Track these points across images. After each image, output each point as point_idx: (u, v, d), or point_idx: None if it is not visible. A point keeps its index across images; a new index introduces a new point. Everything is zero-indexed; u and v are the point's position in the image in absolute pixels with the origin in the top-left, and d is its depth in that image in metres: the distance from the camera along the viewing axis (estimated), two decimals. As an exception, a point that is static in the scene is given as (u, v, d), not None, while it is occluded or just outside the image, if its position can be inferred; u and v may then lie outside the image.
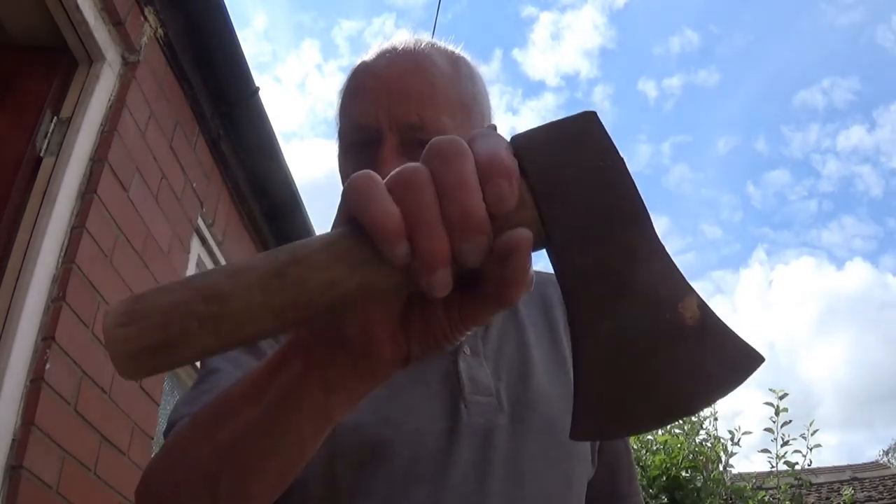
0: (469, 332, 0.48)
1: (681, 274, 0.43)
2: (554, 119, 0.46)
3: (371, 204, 0.40)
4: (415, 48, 0.89)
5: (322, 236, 0.42)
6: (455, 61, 0.91)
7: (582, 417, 0.43)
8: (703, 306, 0.42)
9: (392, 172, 0.42)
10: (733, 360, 0.43)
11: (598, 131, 0.44)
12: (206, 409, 0.61)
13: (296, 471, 0.56)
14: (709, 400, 0.42)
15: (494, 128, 0.96)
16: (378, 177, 0.41)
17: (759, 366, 0.43)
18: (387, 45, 0.91)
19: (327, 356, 0.48)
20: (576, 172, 0.43)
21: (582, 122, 0.45)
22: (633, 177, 0.44)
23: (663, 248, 0.43)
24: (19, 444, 1.76)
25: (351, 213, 0.41)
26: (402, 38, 0.92)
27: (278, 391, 0.51)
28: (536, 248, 0.43)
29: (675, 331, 0.42)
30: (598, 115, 0.45)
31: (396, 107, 0.84)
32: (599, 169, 0.43)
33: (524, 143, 0.44)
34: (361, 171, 0.42)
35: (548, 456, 0.83)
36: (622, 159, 0.44)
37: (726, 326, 0.43)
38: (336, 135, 0.93)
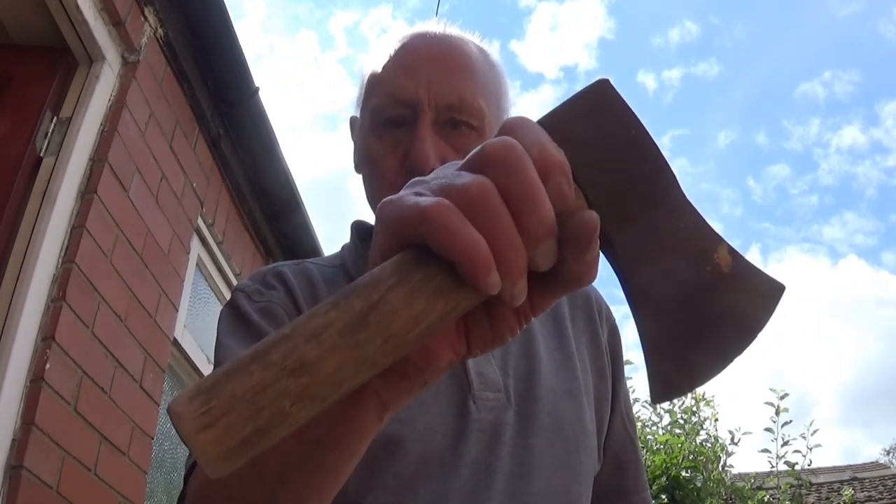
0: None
1: (709, 225, 0.45)
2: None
3: (457, 237, 0.37)
4: (448, 34, 0.90)
5: (385, 270, 0.39)
6: (483, 50, 0.92)
7: (658, 379, 0.45)
8: (732, 252, 0.45)
9: (453, 184, 0.39)
10: (764, 295, 0.46)
11: (617, 100, 0.45)
12: None
13: (349, 473, 0.53)
14: (754, 334, 0.46)
15: None
16: (450, 203, 0.38)
17: (783, 293, 0.47)
18: (417, 29, 0.91)
19: (382, 383, 0.45)
20: (608, 148, 0.44)
21: (599, 93, 0.45)
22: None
23: (690, 203, 0.45)
24: (19, 444, 1.76)
25: (430, 243, 0.38)
26: (430, 25, 0.92)
27: (328, 419, 0.47)
28: None
29: (716, 280, 0.45)
30: (611, 82, 0.45)
31: (436, 84, 0.84)
32: (627, 140, 0.44)
33: (555, 127, 0.43)
34: (430, 199, 0.39)
35: (555, 452, 0.82)
36: (642, 124, 0.45)
37: (751, 264, 0.46)
38: (360, 114, 0.92)
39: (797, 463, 5.14)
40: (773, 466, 5.20)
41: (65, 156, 2.07)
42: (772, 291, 0.46)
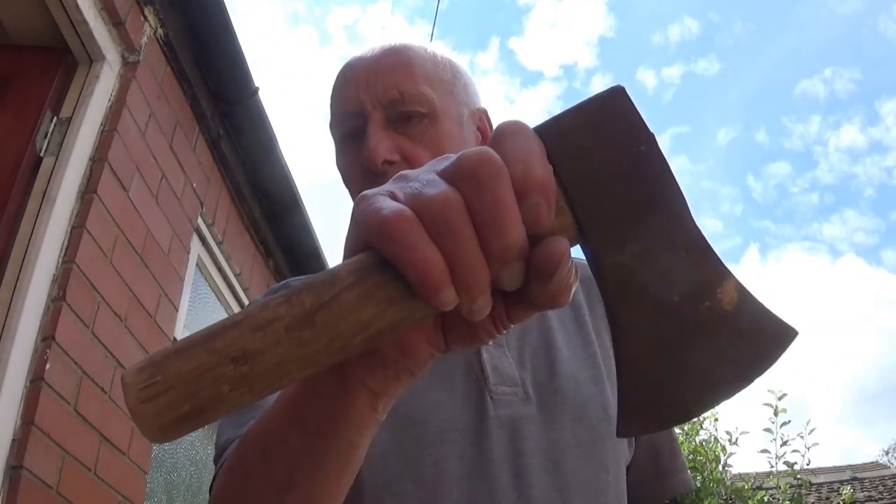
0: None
1: (718, 258, 0.42)
2: (562, 108, 0.43)
3: (411, 252, 0.36)
4: (388, 42, 0.92)
5: (344, 268, 0.39)
6: (433, 51, 0.93)
7: (628, 414, 0.42)
8: (740, 289, 0.42)
9: (421, 194, 0.38)
10: (769, 339, 0.42)
11: (631, 112, 0.41)
12: (250, 440, 0.59)
13: (356, 467, 0.54)
14: (748, 380, 0.42)
15: (486, 112, 0.96)
16: (412, 214, 0.37)
17: (793, 340, 0.43)
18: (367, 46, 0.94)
19: (365, 372, 0.46)
20: (611, 164, 0.41)
21: (613, 102, 0.42)
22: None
23: (700, 232, 0.42)
24: (19, 444, 1.76)
25: (384, 253, 0.38)
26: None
27: (321, 412, 0.50)
28: (572, 245, 0.41)
29: (713, 318, 0.41)
30: (626, 90, 0.42)
31: (374, 85, 0.85)
32: (634, 156, 0.41)
33: (555, 137, 0.41)
34: (392, 206, 0.38)
35: (580, 443, 0.81)
36: (655, 140, 0.41)
37: (761, 305, 0.43)
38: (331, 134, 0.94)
39: (796, 463, 5.14)
40: (772, 466, 5.20)
41: (65, 156, 2.07)
42: (779, 337, 0.43)
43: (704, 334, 0.41)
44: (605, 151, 0.41)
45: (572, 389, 0.84)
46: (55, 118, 2.13)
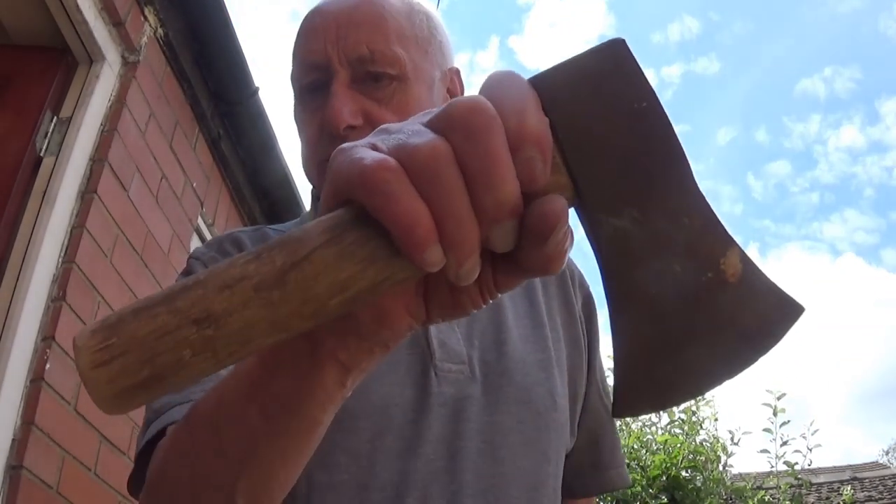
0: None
1: (722, 226, 0.39)
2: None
3: (395, 204, 0.33)
4: None
5: (319, 224, 0.35)
6: (409, 1, 0.86)
7: (626, 390, 0.40)
8: (745, 260, 0.39)
9: (406, 144, 0.35)
10: (774, 313, 0.40)
11: (631, 65, 0.38)
12: (199, 414, 0.54)
13: (316, 445, 0.51)
14: (753, 357, 0.40)
15: (457, 72, 0.91)
16: (396, 163, 0.34)
17: (799, 315, 0.40)
18: None
19: (338, 343, 0.42)
20: (610, 120, 0.37)
21: (612, 54, 0.38)
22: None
23: (704, 198, 0.39)
24: (19, 444, 1.76)
25: (365, 206, 0.35)
26: None
27: (286, 386, 0.45)
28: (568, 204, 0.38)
29: (716, 289, 0.39)
30: (627, 43, 0.38)
31: (344, 40, 0.79)
32: (635, 113, 0.37)
33: (550, 89, 0.37)
34: (374, 156, 0.35)
35: (523, 429, 0.78)
36: (657, 98, 0.38)
37: (766, 278, 0.40)
38: (290, 82, 0.87)
39: (797, 463, 5.15)
40: (772, 466, 5.20)
41: (65, 156, 2.07)
42: (785, 312, 0.40)
43: (707, 306, 0.39)
44: (603, 106, 0.38)
45: (519, 372, 0.80)
46: (55, 118, 2.13)
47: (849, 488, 7.73)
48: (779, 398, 5.09)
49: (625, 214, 0.38)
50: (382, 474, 0.71)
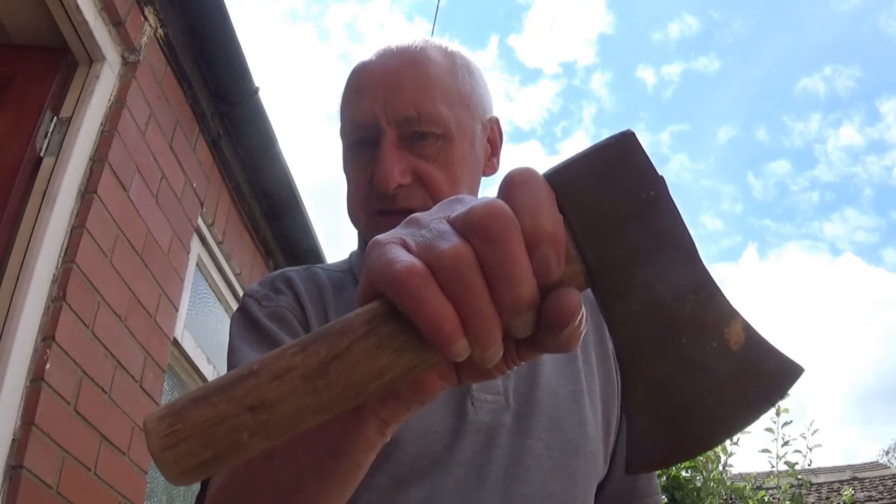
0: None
1: (726, 299, 0.42)
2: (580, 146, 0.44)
3: (424, 307, 0.37)
4: (408, 45, 0.90)
5: (357, 318, 0.40)
6: (450, 54, 0.92)
7: (637, 452, 0.43)
8: (747, 329, 0.42)
9: (434, 247, 0.39)
10: (775, 376, 0.43)
11: (640, 157, 0.42)
12: None
13: (357, 483, 0.57)
14: (755, 416, 0.43)
15: (497, 121, 0.96)
16: (424, 269, 0.38)
17: (798, 377, 0.43)
18: (382, 46, 0.92)
19: (379, 404, 0.48)
20: (620, 211, 0.41)
21: (622, 147, 0.42)
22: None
23: (708, 273, 0.42)
24: (19, 444, 1.76)
25: (397, 305, 0.39)
26: (396, 38, 0.93)
27: (331, 435, 0.51)
28: (581, 290, 0.42)
29: (720, 357, 0.42)
30: (636, 135, 0.42)
31: (392, 101, 0.84)
32: (644, 203, 0.41)
33: (564, 184, 0.41)
34: (405, 261, 0.39)
35: (553, 455, 0.82)
36: (665, 185, 0.42)
37: (767, 343, 0.43)
38: (339, 136, 0.94)
39: (797, 463, 5.14)
40: (773, 466, 5.20)
41: (65, 156, 2.07)
42: (785, 374, 0.43)
43: (711, 374, 0.42)
44: (614, 198, 0.41)
45: (550, 403, 0.85)
46: (55, 118, 2.13)
47: (849, 488, 7.73)
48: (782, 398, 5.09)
49: (634, 297, 0.41)
50: (416, 493, 0.77)
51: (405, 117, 0.84)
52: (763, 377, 0.42)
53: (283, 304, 0.86)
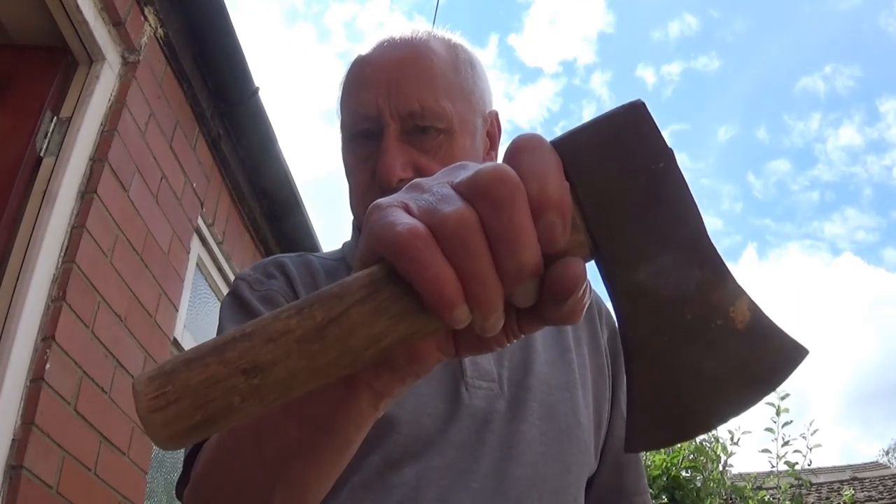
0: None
1: (732, 276, 0.42)
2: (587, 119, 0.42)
3: (425, 270, 0.36)
4: (412, 37, 0.90)
5: (356, 281, 0.39)
6: (453, 47, 0.92)
7: (638, 429, 0.42)
8: (753, 308, 0.42)
9: (436, 210, 0.38)
10: (779, 357, 0.42)
11: (649, 127, 0.41)
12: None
13: (348, 459, 0.55)
14: (758, 397, 0.42)
15: (496, 115, 0.96)
16: (426, 231, 0.37)
17: (803, 359, 0.43)
18: (384, 36, 0.92)
19: (373, 374, 0.46)
20: (627, 181, 0.40)
21: (632, 117, 0.41)
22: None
23: (715, 249, 0.41)
24: (19, 444, 1.76)
25: (397, 268, 0.38)
26: (399, 29, 0.93)
27: (323, 407, 0.49)
28: (585, 261, 0.41)
29: (725, 335, 0.41)
30: (646, 105, 0.41)
31: (396, 95, 0.84)
32: (652, 173, 0.40)
33: (571, 152, 0.40)
34: (406, 222, 0.37)
35: (546, 441, 0.82)
36: (674, 157, 0.41)
37: (773, 324, 0.43)
38: (339, 128, 0.93)
39: (797, 463, 5.14)
40: (773, 466, 5.20)
41: (65, 156, 2.07)
42: (790, 355, 0.42)
43: (716, 352, 0.41)
44: (622, 168, 0.40)
45: (544, 392, 0.85)
46: (55, 118, 2.13)
47: (849, 488, 7.73)
48: (782, 398, 5.09)
49: (640, 269, 0.40)
50: (408, 473, 0.76)
51: (409, 111, 0.84)
52: (767, 358, 0.42)
53: (276, 289, 0.86)
